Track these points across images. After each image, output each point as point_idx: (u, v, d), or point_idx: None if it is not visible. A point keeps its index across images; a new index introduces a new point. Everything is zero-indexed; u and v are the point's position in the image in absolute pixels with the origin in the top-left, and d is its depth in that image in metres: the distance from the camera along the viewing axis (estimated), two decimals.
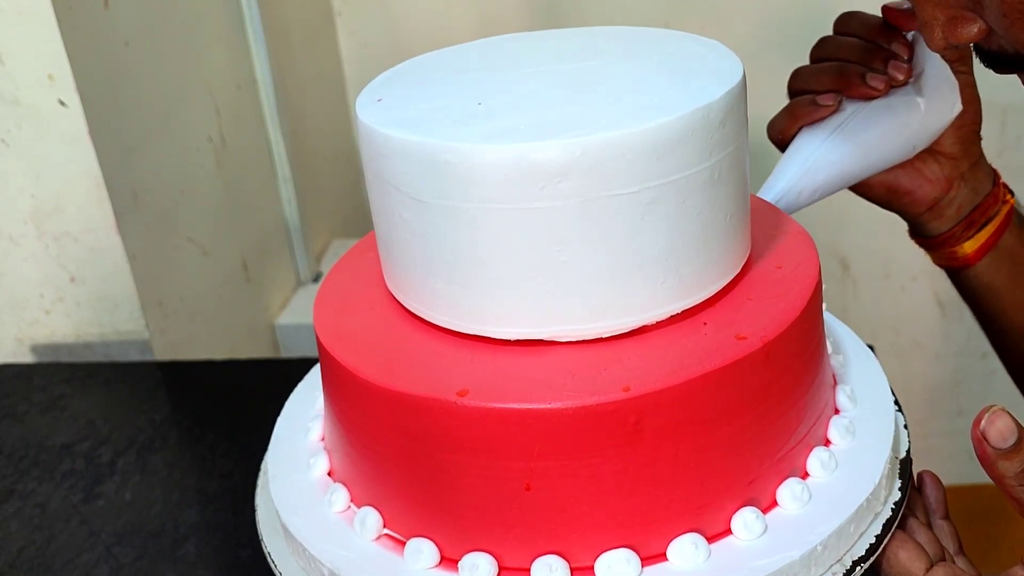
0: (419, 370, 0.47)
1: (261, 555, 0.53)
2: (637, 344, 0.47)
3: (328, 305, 0.53)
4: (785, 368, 0.47)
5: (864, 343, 0.60)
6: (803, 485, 0.48)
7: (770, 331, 0.46)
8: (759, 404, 0.47)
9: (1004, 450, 0.44)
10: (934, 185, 0.67)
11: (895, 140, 0.63)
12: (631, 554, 0.45)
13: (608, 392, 0.43)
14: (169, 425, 0.84)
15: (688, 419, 0.45)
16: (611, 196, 0.44)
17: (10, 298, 0.98)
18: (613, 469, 0.44)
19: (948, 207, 0.68)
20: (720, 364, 0.45)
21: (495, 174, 0.43)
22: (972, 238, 0.68)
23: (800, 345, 0.49)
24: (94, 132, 0.90)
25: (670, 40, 0.53)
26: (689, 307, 0.48)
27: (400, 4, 1.43)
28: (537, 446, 0.44)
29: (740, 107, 0.48)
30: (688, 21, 1.37)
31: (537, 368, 0.46)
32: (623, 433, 0.44)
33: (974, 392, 1.56)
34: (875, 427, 0.52)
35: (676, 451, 0.45)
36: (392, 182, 0.47)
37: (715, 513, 0.47)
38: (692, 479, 0.46)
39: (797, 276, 0.51)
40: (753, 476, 0.47)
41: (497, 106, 0.47)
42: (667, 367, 0.45)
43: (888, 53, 0.61)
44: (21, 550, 0.71)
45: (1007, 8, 0.45)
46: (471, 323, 0.47)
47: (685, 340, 0.47)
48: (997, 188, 0.69)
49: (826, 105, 0.62)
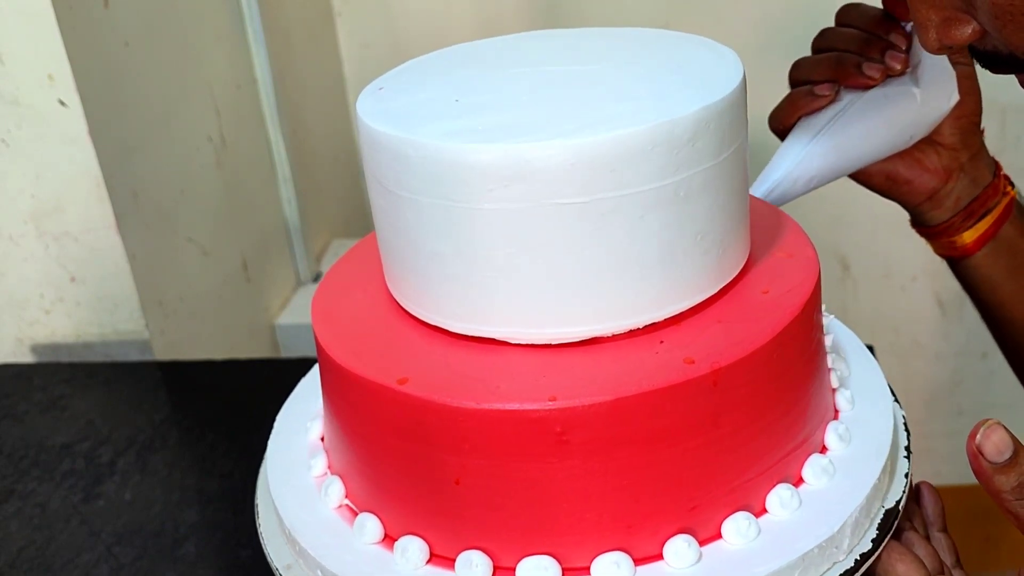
0: (450, 378, 0.46)
1: (261, 555, 0.53)
2: (593, 354, 0.46)
3: (327, 305, 0.53)
4: (743, 397, 0.45)
5: (863, 343, 0.60)
6: (750, 521, 0.46)
7: (724, 358, 0.45)
8: (707, 431, 0.45)
9: (1000, 464, 0.44)
10: (933, 175, 0.67)
11: (892, 129, 0.64)
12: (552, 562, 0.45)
13: (535, 400, 0.43)
14: (169, 425, 0.84)
15: (618, 437, 0.43)
16: (558, 204, 0.43)
17: (10, 298, 0.98)
18: (536, 477, 0.44)
19: (947, 197, 0.68)
20: (655, 386, 0.43)
21: (491, 173, 0.43)
22: (971, 228, 0.68)
23: (769, 374, 0.46)
24: (94, 132, 0.90)
25: (672, 42, 0.53)
26: (651, 323, 0.47)
27: (400, 4, 1.43)
28: (531, 447, 0.44)
29: (709, 140, 0.46)
30: (688, 21, 1.37)
31: (497, 368, 0.46)
32: (548, 443, 0.44)
33: (974, 392, 1.56)
34: (871, 435, 0.52)
35: (605, 468, 0.44)
36: (391, 181, 0.47)
37: (648, 537, 0.46)
38: (623, 498, 0.45)
39: (781, 304, 0.48)
40: (694, 504, 0.46)
41: (497, 106, 0.47)
42: (601, 382, 0.44)
43: (886, 43, 0.62)
44: (21, 550, 0.72)
45: (998, 10, 0.45)
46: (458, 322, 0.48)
47: (632, 357, 0.45)
48: (998, 180, 0.69)
49: (823, 95, 0.62)
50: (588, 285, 0.45)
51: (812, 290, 0.50)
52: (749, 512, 0.47)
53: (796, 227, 0.56)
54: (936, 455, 1.52)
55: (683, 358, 0.45)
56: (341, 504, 0.51)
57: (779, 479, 0.48)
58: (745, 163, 0.49)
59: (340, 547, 0.49)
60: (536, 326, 0.46)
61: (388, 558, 0.48)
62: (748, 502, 0.47)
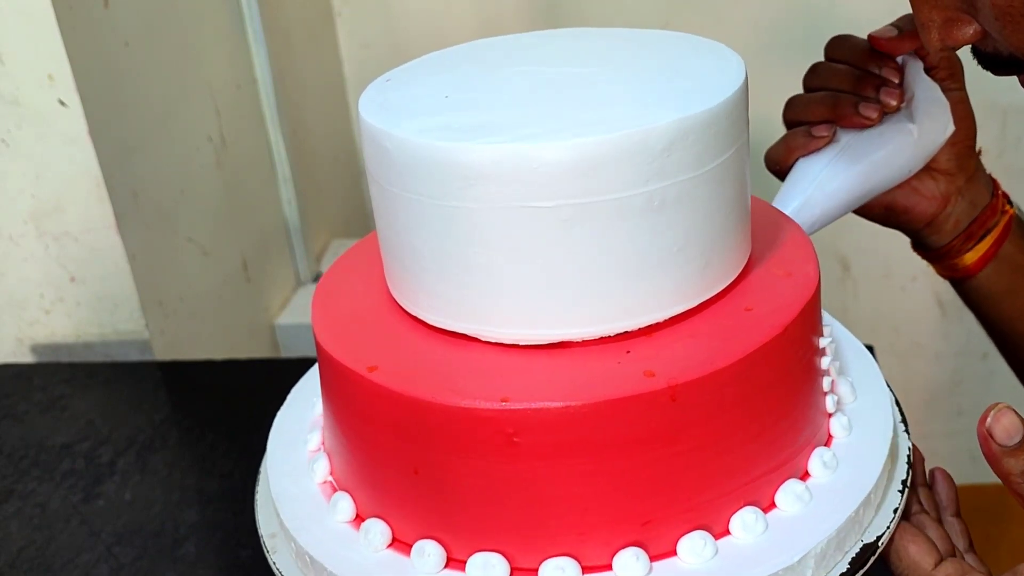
0: (417, 370, 0.47)
1: (261, 555, 0.53)
2: (558, 358, 0.46)
3: (326, 304, 0.53)
4: (705, 416, 0.44)
5: (863, 344, 0.60)
6: (706, 540, 0.46)
7: (685, 374, 0.44)
8: (663, 446, 0.44)
9: (1010, 447, 0.45)
10: (931, 202, 0.67)
11: (890, 166, 0.63)
12: None
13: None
14: (169, 425, 0.84)
15: (566, 444, 0.43)
16: (529, 207, 0.43)
17: (10, 298, 0.98)
18: (489, 476, 0.45)
19: (946, 222, 0.68)
20: (607, 396, 0.43)
21: (489, 173, 0.43)
22: (972, 250, 0.68)
23: (737, 395, 0.45)
24: (94, 132, 0.90)
25: (674, 45, 0.53)
26: (623, 332, 0.46)
27: (400, 4, 1.43)
28: (528, 446, 0.44)
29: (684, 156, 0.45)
30: (688, 21, 1.37)
31: (590, 365, 0.45)
32: (499, 443, 0.44)
33: (974, 392, 1.56)
34: (860, 465, 0.50)
35: (553, 473, 0.44)
36: (382, 176, 0.47)
37: (598, 547, 0.45)
38: (573, 506, 0.44)
39: (760, 323, 0.47)
40: (647, 519, 0.45)
41: (487, 106, 0.47)
42: (555, 387, 0.44)
43: (879, 80, 0.61)
44: (21, 550, 0.71)
45: (999, 11, 0.45)
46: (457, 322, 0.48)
47: (594, 365, 0.45)
48: (996, 199, 0.69)
49: (821, 136, 0.62)
50: (558, 289, 0.45)
51: (799, 312, 0.48)
52: (707, 532, 0.46)
53: (804, 241, 0.54)
54: (936, 455, 1.51)
55: (644, 370, 0.44)
56: (352, 513, 0.51)
57: (746, 502, 0.47)
58: (741, 172, 0.48)
59: (347, 551, 0.49)
60: (507, 326, 0.47)
61: (401, 562, 0.48)
62: (707, 522, 0.46)
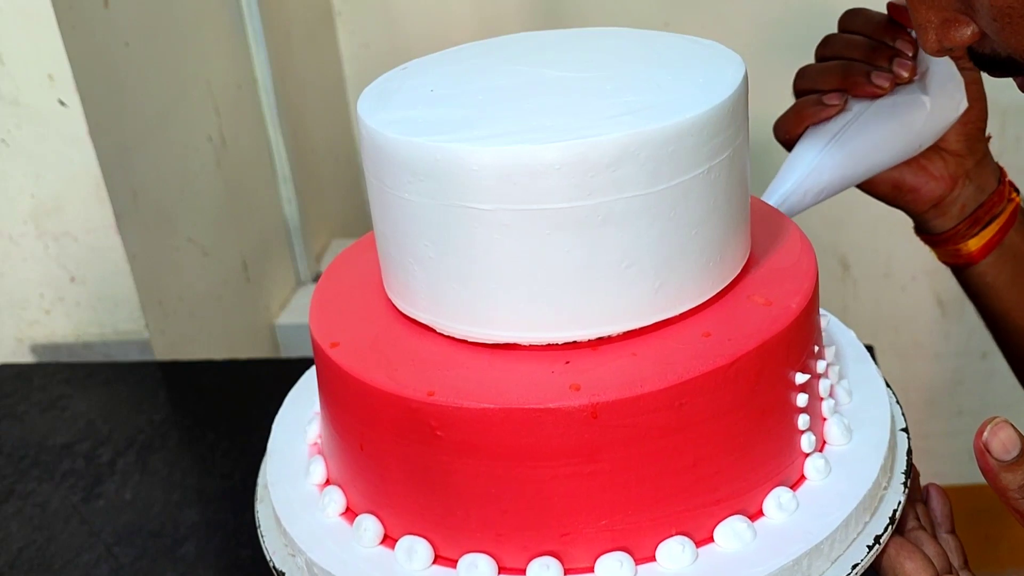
0: (412, 371, 0.47)
1: (261, 555, 0.53)
2: (506, 360, 0.46)
3: (324, 306, 0.53)
4: (627, 438, 0.44)
5: (863, 344, 0.59)
6: (623, 562, 0.45)
7: (607, 393, 0.43)
8: (581, 462, 0.44)
9: (1007, 462, 0.44)
10: (939, 182, 0.67)
11: (901, 139, 0.63)
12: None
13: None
14: (169, 425, 0.84)
15: (486, 447, 0.44)
16: (468, 207, 0.44)
17: (10, 298, 0.98)
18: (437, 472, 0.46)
19: (952, 205, 0.68)
20: (525, 405, 0.44)
21: (488, 175, 0.43)
22: (976, 236, 0.68)
23: (666, 423, 0.44)
24: (94, 132, 0.90)
25: (676, 48, 0.52)
26: (569, 342, 0.46)
27: (400, 4, 1.43)
28: (524, 446, 0.44)
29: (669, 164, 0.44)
30: (688, 21, 1.37)
31: (525, 371, 0.46)
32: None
33: (974, 392, 1.56)
34: (823, 507, 0.48)
35: (475, 472, 0.45)
36: (391, 182, 0.47)
37: (512, 555, 0.46)
38: (492, 510, 0.45)
39: (708, 352, 0.45)
40: (565, 531, 0.45)
41: (495, 108, 0.47)
42: (482, 389, 0.45)
43: (893, 51, 0.61)
44: (21, 550, 0.72)
45: (997, 12, 0.45)
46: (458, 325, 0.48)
47: (532, 371, 0.45)
48: (1003, 186, 0.69)
49: (832, 104, 0.61)
50: (504, 292, 0.46)
51: (758, 346, 0.45)
52: (629, 555, 0.45)
53: (805, 269, 0.51)
54: (936, 455, 1.52)
55: (570, 384, 0.44)
56: (342, 511, 0.51)
57: (677, 531, 0.46)
58: (714, 191, 0.46)
59: (341, 550, 0.49)
60: (461, 323, 0.47)
61: (390, 559, 0.48)
62: (628, 544, 0.46)
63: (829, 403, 0.52)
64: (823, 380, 0.51)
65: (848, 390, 0.54)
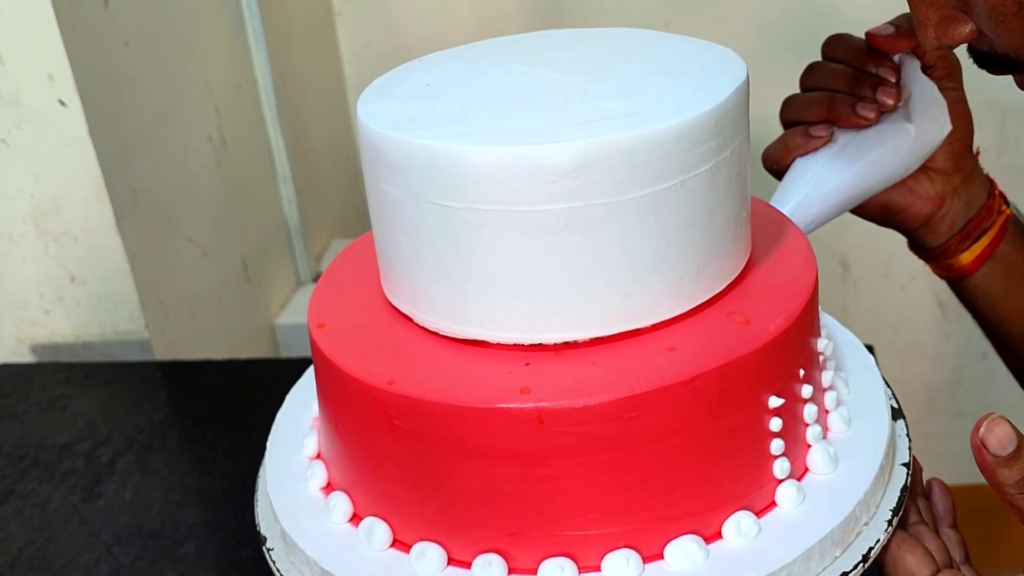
0: (381, 358, 0.47)
1: (261, 555, 0.53)
2: (479, 357, 0.46)
3: (323, 306, 0.53)
4: (572, 447, 0.43)
5: (863, 344, 0.59)
6: (565, 568, 0.45)
7: (554, 400, 0.43)
8: (528, 466, 0.44)
9: (1003, 457, 0.44)
10: (927, 202, 0.67)
11: (887, 166, 0.63)
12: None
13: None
14: (169, 425, 0.84)
15: (443, 442, 0.45)
16: (435, 203, 0.44)
17: (10, 298, 0.98)
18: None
19: (941, 222, 0.68)
20: (478, 404, 0.44)
21: (490, 176, 0.43)
22: (967, 250, 0.68)
23: (610, 436, 0.43)
24: (94, 132, 0.90)
25: (674, 47, 0.52)
26: (537, 344, 0.46)
27: (400, 4, 1.43)
28: (473, 444, 0.44)
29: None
30: (688, 21, 1.37)
31: (485, 368, 0.46)
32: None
33: (974, 392, 1.56)
34: (789, 534, 0.47)
35: (423, 465, 0.46)
36: (389, 183, 0.47)
37: (463, 549, 0.46)
38: (444, 506, 0.46)
39: (668, 370, 0.44)
40: (511, 532, 0.45)
41: (494, 108, 0.47)
42: (440, 384, 0.45)
43: (876, 79, 0.61)
44: (21, 550, 0.72)
45: (993, 10, 0.45)
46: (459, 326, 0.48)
47: (493, 369, 0.45)
48: (992, 200, 0.69)
49: (819, 136, 0.62)
50: (473, 290, 0.46)
51: (721, 365, 0.44)
52: (573, 563, 0.45)
53: (802, 284, 0.49)
54: (936, 455, 1.51)
55: (522, 386, 0.44)
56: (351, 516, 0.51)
57: (623, 544, 0.45)
58: (695, 203, 0.45)
59: (346, 552, 0.49)
60: (437, 318, 0.48)
61: (401, 563, 0.48)
62: (574, 553, 0.45)
63: (815, 430, 0.49)
64: (809, 405, 0.49)
65: (847, 418, 0.52)
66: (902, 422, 0.54)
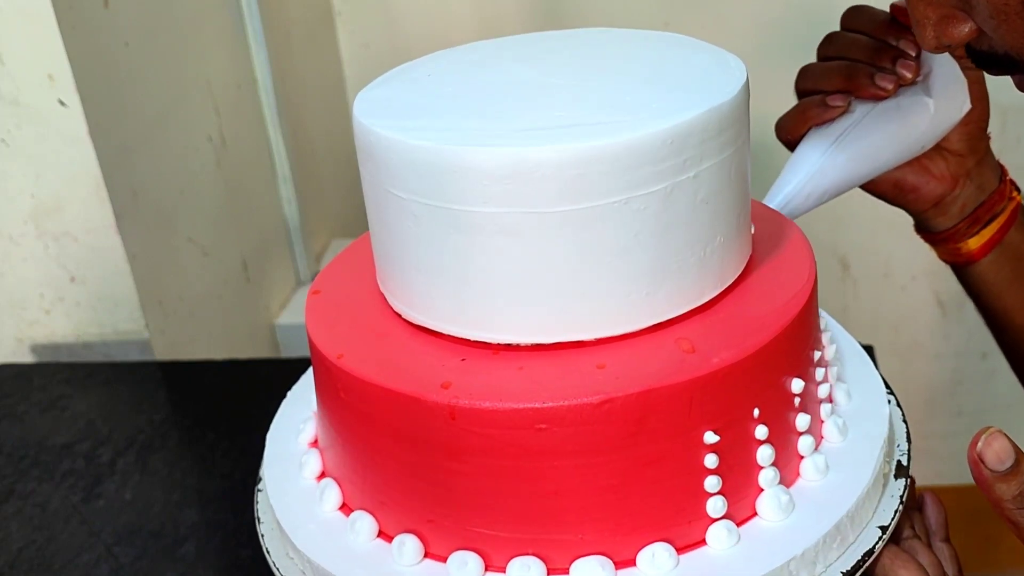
0: (407, 368, 0.47)
1: (261, 555, 0.53)
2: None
3: (320, 305, 0.54)
4: (481, 448, 0.44)
5: (861, 345, 0.59)
6: (469, 561, 0.46)
7: (460, 398, 0.44)
8: (442, 460, 0.45)
9: (1001, 472, 0.43)
10: (940, 182, 0.67)
11: (904, 141, 0.62)
12: None
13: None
14: (169, 425, 0.84)
15: (407, 432, 0.46)
16: (414, 202, 0.45)
17: (10, 298, 0.98)
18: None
19: (953, 204, 0.67)
20: (411, 392, 0.45)
21: (489, 177, 0.43)
22: (976, 235, 0.67)
23: (519, 444, 0.43)
24: (94, 132, 0.90)
25: (676, 52, 0.52)
26: (513, 344, 0.46)
27: (400, 4, 1.43)
28: (404, 429, 0.45)
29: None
30: (688, 21, 1.37)
31: (424, 358, 0.47)
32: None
33: (974, 392, 1.56)
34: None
35: (372, 454, 0.48)
36: (386, 183, 0.47)
37: (438, 546, 0.47)
38: (419, 493, 0.47)
39: (617, 380, 0.43)
40: (429, 519, 0.47)
41: (493, 109, 0.47)
42: (404, 374, 0.47)
43: (896, 51, 0.60)
44: (21, 550, 0.72)
45: (993, 9, 0.45)
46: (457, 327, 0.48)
47: (496, 371, 0.46)
48: (1003, 185, 0.68)
49: (836, 106, 0.60)
50: (419, 280, 0.47)
51: (640, 392, 0.43)
52: (481, 560, 0.46)
53: (775, 318, 0.47)
54: (936, 455, 1.51)
55: (443, 381, 0.45)
56: (337, 506, 0.52)
57: (531, 552, 0.45)
58: (643, 223, 0.44)
59: (335, 546, 0.49)
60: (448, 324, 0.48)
61: (384, 555, 0.48)
62: (482, 551, 0.46)
63: (769, 473, 0.47)
64: (764, 447, 0.46)
65: (822, 468, 0.49)
66: (900, 482, 0.52)
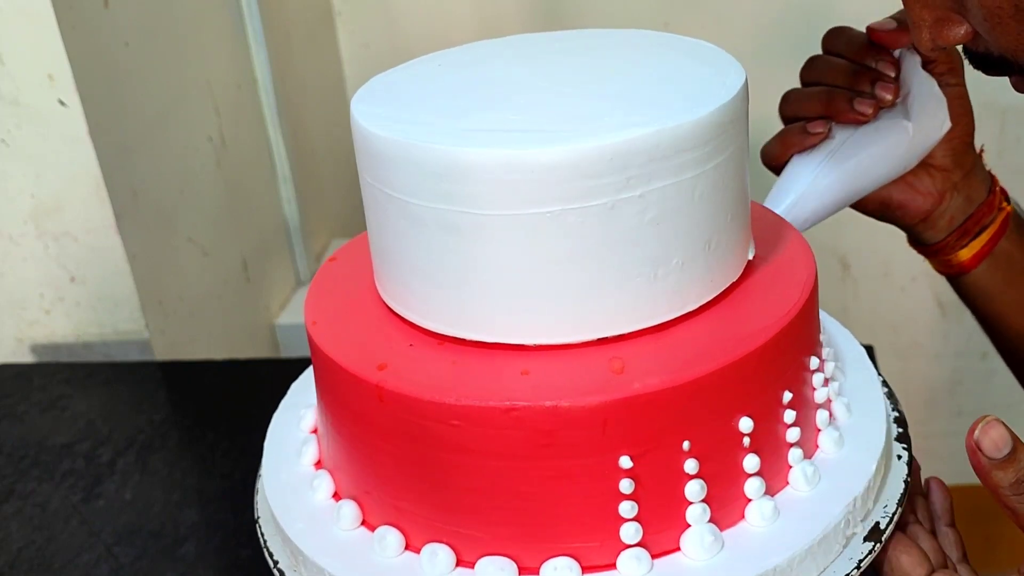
0: (405, 368, 0.47)
1: (261, 555, 0.53)
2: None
3: (319, 305, 0.54)
4: (441, 444, 0.45)
5: (861, 345, 0.59)
6: (441, 553, 0.47)
7: (423, 394, 0.45)
8: (378, 439, 0.47)
9: (998, 460, 0.44)
10: (926, 198, 0.67)
11: (885, 163, 0.63)
12: None
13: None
14: (169, 425, 0.84)
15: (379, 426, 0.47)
16: (417, 205, 0.46)
17: (10, 298, 0.98)
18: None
19: (941, 218, 0.68)
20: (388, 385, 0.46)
21: (486, 178, 0.43)
22: (967, 246, 0.68)
23: (483, 444, 0.44)
24: (94, 132, 0.90)
25: (673, 50, 0.52)
26: (517, 344, 0.46)
27: (400, 4, 1.43)
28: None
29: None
30: (688, 21, 1.37)
31: (455, 365, 0.47)
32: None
33: (974, 392, 1.56)
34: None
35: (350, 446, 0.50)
36: (384, 184, 0.47)
37: (419, 540, 0.48)
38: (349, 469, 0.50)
39: (535, 390, 0.43)
40: (412, 515, 0.48)
41: (491, 109, 0.47)
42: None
43: (875, 74, 0.61)
44: (21, 550, 0.72)
45: (987, 12, 0.45)
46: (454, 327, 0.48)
47: (494, 370, 0.46)
48: (993, 196, 0.68)
49: (816, 132, 0.62)
50: (447, 293, 0.47)
51: (551, 408, 0.43)
52: (401, 535, 0.48)
53: (737, 342, 0.46)
54: (936, 455, 1.51)
55: (380, 363, 0.47)
56: (331, 497, 0.52)
57: (444, 541, 0.47)
58: (596, 234, 0.44)
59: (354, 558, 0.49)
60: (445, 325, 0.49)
61: (374, 550, 0.49)
62: (400, 526, 0.48)
63: (698, 510, 0.45)
64: (692, 482, 0.45)
65: (769, 511, 0.47)
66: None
